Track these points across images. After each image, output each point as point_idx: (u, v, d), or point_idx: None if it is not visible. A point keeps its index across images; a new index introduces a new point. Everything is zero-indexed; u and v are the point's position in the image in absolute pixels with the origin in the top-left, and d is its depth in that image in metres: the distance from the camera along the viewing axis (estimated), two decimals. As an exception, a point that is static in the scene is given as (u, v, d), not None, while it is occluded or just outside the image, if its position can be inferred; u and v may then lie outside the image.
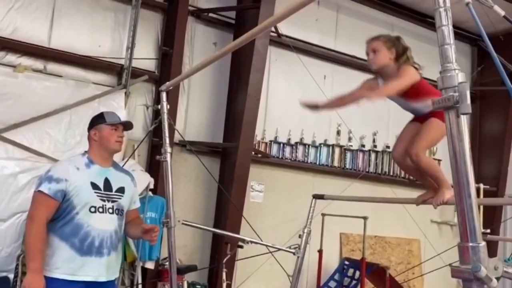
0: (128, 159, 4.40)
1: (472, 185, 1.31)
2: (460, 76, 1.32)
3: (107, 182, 2.77)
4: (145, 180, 5.28)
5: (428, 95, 2.52)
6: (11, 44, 5.06)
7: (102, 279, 2.68)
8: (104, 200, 2.72)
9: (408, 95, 2.61)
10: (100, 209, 2.69)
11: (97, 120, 2.87)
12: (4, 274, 4.59)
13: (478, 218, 1.30)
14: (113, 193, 2.78)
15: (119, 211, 2.80)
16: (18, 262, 4.53)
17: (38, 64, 5.24)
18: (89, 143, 2.88)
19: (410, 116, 8.16)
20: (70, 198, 2.64)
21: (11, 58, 5.09)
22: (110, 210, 2.74)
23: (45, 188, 2.62)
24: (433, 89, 2.56)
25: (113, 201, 2.76)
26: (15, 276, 4.55)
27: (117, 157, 5.14)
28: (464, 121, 1.32)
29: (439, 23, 1.38)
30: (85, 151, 2.88)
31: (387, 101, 8.37)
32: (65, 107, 5.09)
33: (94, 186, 2.71)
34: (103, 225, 2.70)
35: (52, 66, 5.30)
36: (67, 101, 5.12)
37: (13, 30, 5.09)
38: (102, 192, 2.73)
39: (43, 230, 2.59)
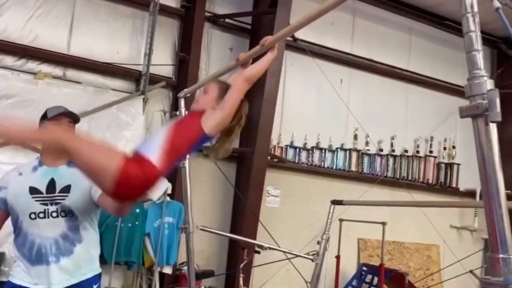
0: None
1: (503, 194, 1.28)
2: (489, 83, 1.29)
3: (51, 183, 2.57)
4: (163, 185, 5.30)
5: None
6: (32, 51, 5.14)
7: (59, 287, 2.52)
8: (46, 204, 2.52)
9: None
10: (41, 215, 2.51)
11: (41, 119, 2.65)
12: None
13: (509, 229, 1.26)
14: (56, 194, 2.55)
15: (66, 213, 2.55)
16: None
17: (58, 71, 5.32)
18: None
19: (429, 117, 8.04)
20: (12, 207, 2.53)
21: (32, 65, 5.18)
22: (54, 214, 2.53)
23: None
24: None
25: (56, 203, 2.53)
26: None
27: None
28: (494, 129, 1.29)
29: (467, 29, 1.35)
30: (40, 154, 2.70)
31: (406, 104, 8.27)
32: (84, 113, 5.13)
33: (33, 190, 2.53)
34: (46, 231, 2.51)
35: (72, 73, 5.37)
36: (86, 107, 5.18)
37: (33, 38, 5.18)
38: (44, 195, 2.53)
39: None
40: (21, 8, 5.15)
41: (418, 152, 7.63)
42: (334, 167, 7.00)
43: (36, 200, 2.52)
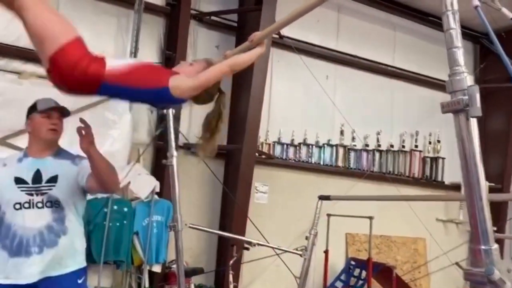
0: (134, 163, 4.41)
1: (483, 187, 1.32)
2: (469, 79, 1.33)
3: (37, 174, 2.57)
4: (151, 183, 5.30)
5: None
6: (15, 51, 5.08)
7: (34, 279, 2.50)
8: (31, 194, 2.52)
9: None
10: (26, 205, 2.50)
11: (30, 110, 2.69)
12: None
13: (490, 220, 1.31)
14: (42, 184, 2.55)
15: (52, 203, 2.55)
16: None
17: (42, 70, 5.25)
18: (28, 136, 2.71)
19: (414, 112, 8.16)
20: None
21: (15, 64, 5.12)
22: (40, 204, 2.52)
23: None
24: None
25: (42, 194, 2.53)
26: None
27: (122, 161, 5.21)
28: (474, 124, 1.33)
29: (447, 26, 1.39)
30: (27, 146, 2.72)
31: (391, 99, 8.33)
32: (70, 113, 5.10)
33: (19, 180, 2.54)
34: (30, 222, 2.50)
35: (56, 72, 5.32)
36: (71, 106, 5.09)
37: (17, 37, 5.10)
38: (30, 185, 2.53)
39: None
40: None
41: (403, 147, 7.72)
42: (321, 163, 7.05)
43: (22, 190, 2.51)
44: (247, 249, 5.62)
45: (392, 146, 7.62)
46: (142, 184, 5.23)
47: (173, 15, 5.95)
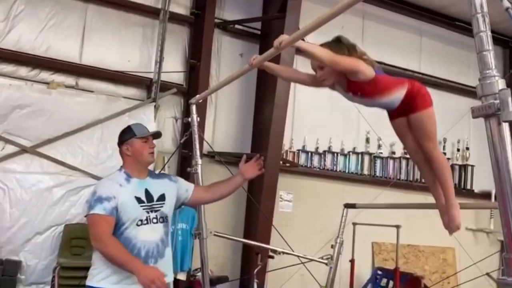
0: (160, 172, 4.43)
1: (517, 194, 1.27)
2: (500, 82, 1.29)
3: (147, 193, 2.80)
4: (175, 191, 5.33)
5: (391, 88, 2.43)
6: (45, 61, 5.22)
7: None
8: (148, 212, 2.76)
9: (369, 92, 2.45)
10: (145, 221, 2.73)
11: (127, 135, 2.87)
12: (41, 286, 4.70)
13: (524, 229, 1.25)
14: (154, 202, 2.80)
15: (163, 219, 2.82)
16: (54, 274, 4.63)
17: (70, 80, 5.39)
18: (123, 159, 2.88)
19: (442, 118, 8.01)
20: (119, 215, 2.67)
21: (45, 75, 5.26)
22: (154, 220, 2.77)
23: (100, 209, 2.63)
24: (393, 79, 2.49)
25: (155, 211, 2.79)
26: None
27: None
28: (507, 128, 1.28)
29: (477, 29, 1.35)
30: (121, 167, 2.89)
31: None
32: (97, 122, 5.20)
33: (139, 200, 2.75)
34: (149, 236, 2.73)
35: (84, 82, 5.44)
36: (98, 115, 5.24)
37: (46, 49, 5.26)
38: (146, 204, 2.76)
39: (115, 239, 2.63)
40: (33, 19, 5.24)
41: (431, 154, 7.56)
42: (347, 171, 6.97)
43: (143, 209, 2.74)
44: (272, 257, 5.57)
45: (419, 153, 7.47)
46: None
47: (197, 24, 6.02)
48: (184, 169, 5.24)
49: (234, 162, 6.20)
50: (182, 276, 5.29)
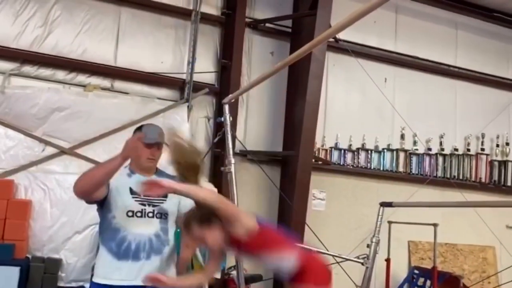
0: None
1: None
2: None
3: None
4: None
5: (278, 244, 2.10)
6: (81, 65, 5.36)
7: (138, 283, 2.56)
8: (144, 205, 2.69)
9: (251, 247, 2.14)
10: (139, 214, 2.67)
11: (135, 134, 2.83)
12: (80, 283, 4.82)
13: None
14: (153, 197, 2.69)
15: (161, 215, 2.75)
16: (93, 272, 4.74)
17: (106, 82, 5.51)
18: None
19: (480, 113, 7.75)
20: (109, 200, 2.66)
21: (81, 78, 5.40)
22: (150, 214, 2.70)
23: None
24: (282, 237, 2.19)
25: (154, 205, 2.72)
26: (90, 286, 4.76)
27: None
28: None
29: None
30: (129, 163, 2.84)
31: (454, 101, 7.98)
32: (132, 123, 5.29)
33: (132, 191, 2.70)
34: (141, 229, 2.67)
35: (119, 84, 5.55)
36: (133, 116, 5.33)
37: (82, 52, 5.40)
38: (140, 196, 2.69)
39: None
40: (69, 24, 5.38)
41: (469, 150, 7.35)
42: (381, 168, 6.85)
43: (136, 200, 2.69)
44: (306, 256, 5.56)
45: (456, 149, 7.27)
46: (201, 191, 5.31)
47: (228, 24, 6.05)
48: (217, 169, 5.28)
49: (266, 160, 6.21)
50: (216, 275, 5.33)
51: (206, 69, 5.95)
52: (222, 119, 3.40)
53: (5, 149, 4.94)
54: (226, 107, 3.34)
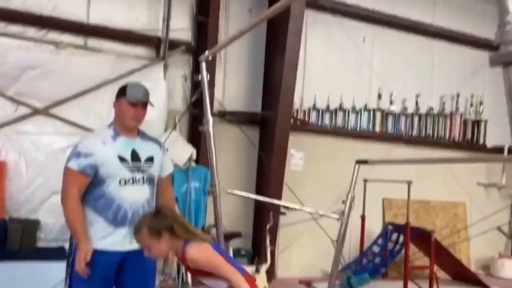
0: (171, 131, 4.46)
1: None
2: (521, 29, 1.24)
3: (134, 153, 2.78)
4: (187, 151, 5.37)
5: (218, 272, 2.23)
6: (52, 21, 5.15)
7: (134, 248, 2.64)
8: (133, 171, 2.74)
9: (197, 273, 2.34)
10: (130, 181, 2.73)
11: (120, 93, 2.82)
12: (60, 243, 4.84)
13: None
14: (142, 163, 2.78)
15: (150, 181, 2.82)
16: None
17: (79, 40, 5.33)
18: (114, 114, 2.85)
19: (456, 73, 7.82)
20: (98, 172, 2.67)
21: (53, 35, 5.20)
22: (141, 181, 2.77)
23: (74, 164, 2.64)
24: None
25: (142, 171, 2.78)
26: (70, 245, 4.78)
27: (159, 129, 5.28)
28: (526, 77, 1.24)
29: (497, -27, 1.29)
30: (111, 122, 2.85)
31: (431, 60, 8.03)
32: (107, 82, 5.18)
33: (122, 159, 2.72)
34: (135, 196, 2.73)
35: (92, 42, 5.38)
36: (108, 75, 5.21)
37: (52, 8, 5.18)
38: (130, 164, 2.74)
39: (78, 204, 2.65)
40: (38, -22, 5.13)
41: (444, 109, 7.48)
42: (358, 128, 6.93)
43: (126, 168, 2.72)
44: (284, 213, 5.67)
45: (431, 109, 7.39)
46: (179, 151, 5.31)
47: (205, -20, 5.86)
48: (195, 129, 5.26)
49: (245, 121, 6.20)
50: (196, 233, 5.41)
51: (182, 27, 5.80)
52: (199, 77, 3.34)
53: (-24, 109, 4.80)
54: (203, 65, 3.27)
